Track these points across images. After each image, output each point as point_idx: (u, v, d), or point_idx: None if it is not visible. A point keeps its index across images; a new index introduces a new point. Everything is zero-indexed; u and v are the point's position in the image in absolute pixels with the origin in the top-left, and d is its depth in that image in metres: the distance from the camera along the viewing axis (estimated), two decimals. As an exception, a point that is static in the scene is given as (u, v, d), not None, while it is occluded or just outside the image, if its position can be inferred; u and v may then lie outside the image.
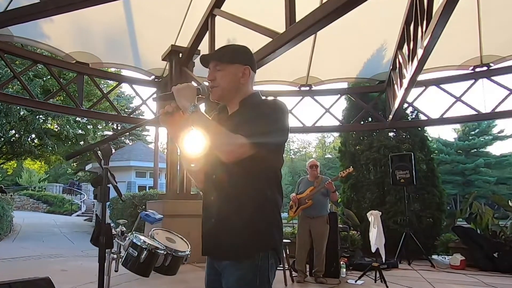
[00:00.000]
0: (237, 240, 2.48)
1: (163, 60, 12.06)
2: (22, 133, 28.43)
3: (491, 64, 11.38)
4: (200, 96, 2.61)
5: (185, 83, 2.57)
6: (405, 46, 9.44)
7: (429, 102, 16.15)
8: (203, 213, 2.73)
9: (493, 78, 11.48)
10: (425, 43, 6.58)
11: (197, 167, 2.81)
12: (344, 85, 14.07)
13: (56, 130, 30.21)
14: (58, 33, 11.27)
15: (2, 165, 40.67)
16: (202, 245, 2.69)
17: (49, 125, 30.82)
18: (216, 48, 2.83)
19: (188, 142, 2.75)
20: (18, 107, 24.41)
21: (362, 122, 14.15)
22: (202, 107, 2.49)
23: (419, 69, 7.78)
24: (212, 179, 2.68)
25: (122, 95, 45.91)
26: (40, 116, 28.41)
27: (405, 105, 12.78)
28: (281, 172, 2.73)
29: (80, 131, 31.58)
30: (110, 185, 3.26)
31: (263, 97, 2.75)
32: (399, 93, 10.17)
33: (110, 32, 11.87)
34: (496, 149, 76.28)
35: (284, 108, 2.57)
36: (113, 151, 38.72)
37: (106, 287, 4.22)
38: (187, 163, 2.86)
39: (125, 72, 13.63)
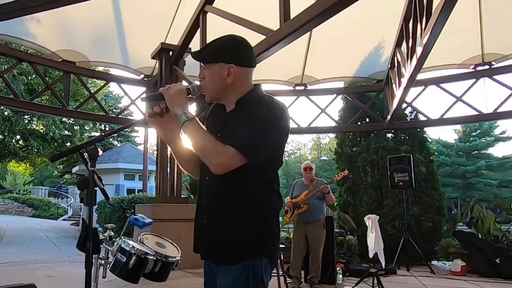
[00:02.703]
0: (227, 245, 2.49)
1: (152, 58, 12.03)
2: (6, 134, 28.32)
3: (493, 63, 11.41)
4: (190, 96, 2.59)
5: (176, 88, 2.52)
6: (404, 44, 9.44)
7: (429, 102, 16.24)
8: (196, 212, 2.74)
9: (495, 77, 11.51)
10: (424, 40, 6.58)
11: (194, 165, 2.82)
12: (341, 84, 14.12)
13: (42, 131, 30.14)
14: (43, 30, 11.26)
15: (-15, 168, 40.58)
16: (194, 243, 2.71)
17: (34, 126, 30.75)
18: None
19: (180, 142, 2.75)
20: (2, 107, 24.35)
21: (359, 123, 14.18)
22: (193, 106, 2.48)
23: (418, 68, 7.78)
24: (205, 181, 2.69)
25: (110, 95, 45.83)
26: (25, 117, 28.32)
27: (404, 105, 12.82)
28: (277, 174, 2.72)
29: (66, 132, 31.48)
30: (97, 188, 3.25)
31: (263, 93, 2.69)
32: (398, 93, 10.17)
33: (98, 30, 11.86)
34: (498, 150, 76.39)
35: (281, 113, 2.52)
36: (101, 152, 38.72)
37: (93, 294, 4.22)
38: (181, 161, 2.87)
39: (113, 71, 13.65)
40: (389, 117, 11.93)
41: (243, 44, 2.73)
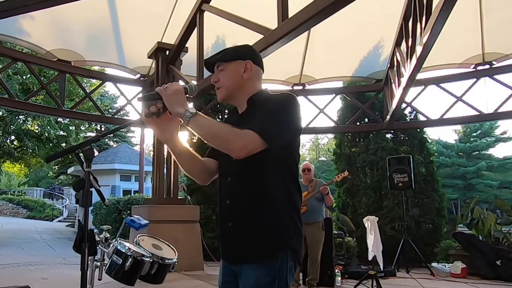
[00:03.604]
0: (255, 242, 2.53)
1: (149, 58, 12.03)
2: (0, 134, 28.25)
3: (494, 62, 11.41)
4: (188, 95, 2.61)
5: (174, 87, 2.55)
6: (403, 43, 9.44)
7: (429, 102, 16.27)
8: (220, 216, 2.77)
9: (495, 76, 11.50)
10: (424, 40, 6.59)
11: (194, 165, 2.84)
12: (339, 84, 14.12)
13: (37, 131, 30.07)
14: (38, 29, 11.24)
15: (-21, 169, 40.54)
16: (221, 249, 2.75)
17: (29, 126, 30.68)
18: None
19: (178, 142, 2.76)
20: (-4, 107, 24.35)
21: (358, 123, 14.20)
22: (190, 106, 2.49)
23: (418, 67, 7.78)
24: (227, 182, 2.71)
25: (106, 95, 45.74)
26: (20, 117, 28.28)
27: (404, 105, 12.82)
28: (297, 169, 2.77)
29: (61, 132, 31.38)
30: (93, 189, 3.25)
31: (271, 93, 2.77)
32: (397, 93, 10.17)
33: (94, 29, 11.84)
34: (498, 151, 76.40)
35: (294, 101, 2.60)
36: (96, 153, 38.73)
37: (88, 296, 4.22)
38: (183, 162, 2.86)
39: (109, 71, 13.64)
40: (388, 117, 11.91)
41: (254, 49, 2.94)
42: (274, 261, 2.47)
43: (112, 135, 44.51)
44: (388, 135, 14.68)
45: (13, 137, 30.62)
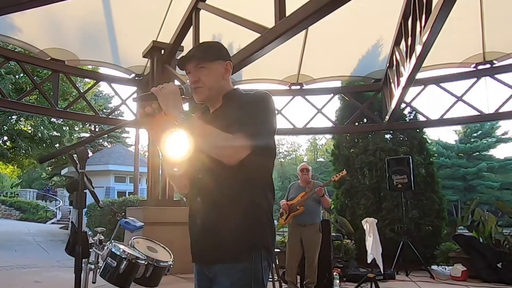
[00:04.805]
0: (227, 241, 2.53)
1: (144, 57, 12.03)
2: (-7, 134, 28.30)
3: (495, 62, 11.42)
4: (183, 96, 2.60)
5: (169, 88, 2.54)
6: (403, 42, 9.45)
7: (428, 102, 16.28)
8: (189, 218, 2.77)
9: (496, 76, 11.51)
10: (424, 38, 6.60)
11: (180, 171, 2.82)
12: (338, 83, 14.14)
13: (30, 131, 30.03)
14: (31, 28, 11.23)
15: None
16: (192, 252, 2.74)
17: (22, 126, 30.63)
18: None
19: (170, 145, 2.74)
20: (-12, 107, 24.30)
21: (356, 123, 14.19)
22: (186, 107, 2.50)
23: (417, 67, 7.80)
24: (198, 180, 2.71)
25: (100, 94, 45.63)
26: (13, 117, 28.24)
27: (403, 105, 12.80)
28: (273, 166, 2.80)
29: (55, 133, 31.31)
30: (87, 191, 3.27)
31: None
32: (396, 93, 10.19)
33: (87, 27, 11.82)
34: (499, 152, 76.89)
35: (271, 101, 2.66)
36: (90, 154, 38.61)
37: (82, 300, 4.22)
38: (169, 167, 2.86)
39: (103, 70, 13.68)
40: (387, 117, 11.93)
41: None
42: (249, 262, 2.49)
43: (106, 135, 44.54)
44: (387, 136, 14.70)
45: (5, 138, 30.57)
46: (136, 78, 13.25)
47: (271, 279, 7.90)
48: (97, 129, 41.24)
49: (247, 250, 2.50)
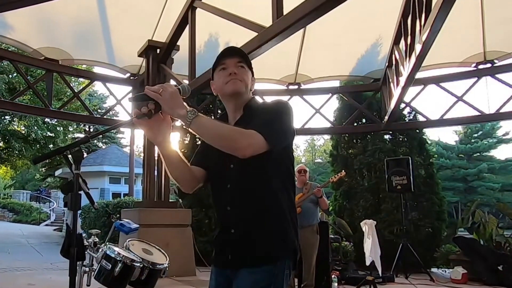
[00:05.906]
0: (261, 247, 2.57)
1: (139, 56, 12.00)
2: (-15, 135, 28.29)
3: (495, 61, 11.44)
4: (181, 96, 2.57)
5: (170, 90, 2.48)
6: (402, 41, 9.46)
7: (428, 102, 16.28)
8: (220, 224, 2.84)
9: (497, 76, 11.54)
10: (423, 37, 6.60)
11: (184, 171, 2.82)
12: (336, 83, 14.16)
13: (23, 132, 30.01)
14: (24, 27, 11.22)
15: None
16: (218, 256, 2.78)
17: (15, 127, 30.62)
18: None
19: (170, 145, 2.75)
20: (-19, 108, 24.27)
21: (355, 124, 14.20)
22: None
23: (417, 66, 7.81)
24: (226, 189, 2.73)
25: (95, 94, 45.62)
26: (6, 117, 28.24)
27: (402, 105, 12.80)
28: (293, 170, 2.87)
29: (49, 133, 31.27)
30: (81, 192, 3.26)
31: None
32: (396, 92, 10.20)
33: (82, 26, 11.81)
34: (500, 153, 76.84)
35: (290, 107, 2.69)
36: (85, 155, 38.46)
37: (77, 303, 4.21)
38: (173, 167, 2.85)
39: (97, 70, 13.73)
40: (386, 117, 11.93)
41: None
42: (274, 266, 2.53)
43: (101, 136, 44.49)
44: (387, 136, 14.70)
45: (-1, 138, 30.61)
46: (131, 77, 13.24)
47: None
48: (91, 130, 41.21)
49: (277, 256, 2.57)
